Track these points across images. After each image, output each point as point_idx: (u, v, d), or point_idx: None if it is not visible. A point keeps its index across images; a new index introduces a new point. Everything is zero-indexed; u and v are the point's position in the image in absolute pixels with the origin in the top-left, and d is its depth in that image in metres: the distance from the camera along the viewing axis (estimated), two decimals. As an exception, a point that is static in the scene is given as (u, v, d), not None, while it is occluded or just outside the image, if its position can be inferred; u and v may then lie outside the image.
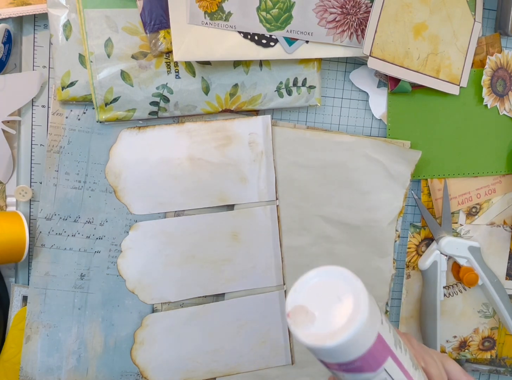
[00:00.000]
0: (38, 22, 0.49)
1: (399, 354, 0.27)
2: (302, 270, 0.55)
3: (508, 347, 0.64)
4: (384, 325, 0.26)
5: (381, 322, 0.25)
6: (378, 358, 0.25)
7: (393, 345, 0.26)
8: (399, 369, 0.27)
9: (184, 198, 0.52)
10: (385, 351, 0.26)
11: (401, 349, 0.27)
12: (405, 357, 0.28)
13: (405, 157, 0.55)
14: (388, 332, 0.26)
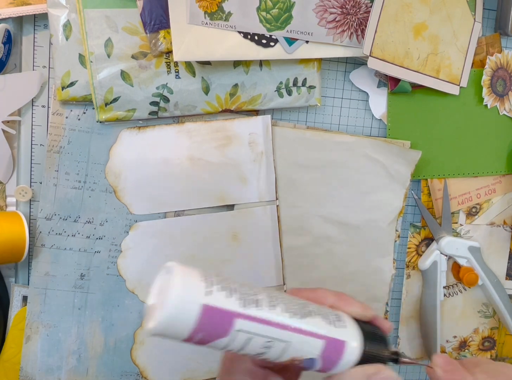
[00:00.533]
0: (38, 22, 0.49)
1: (257, 312, 0.28)
2: (302, 270, 0.55)
3: (508, 347, 0.64)
4: (214, 295, 0.27)
5: (208, 293, 0.27)
6: (220, 324, 0.27)
7: (240, 307, 0.27)
8: (264, 325, 0.28)
9: (184, 198, 0.52)
10: (226, 316, 0.27)
11: (263, 306, 0.28)
12: (273, 311, 0.29)
13: (405, 157, 0.55)
14: (225, 298, 0.27)
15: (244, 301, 0.28)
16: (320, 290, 0.34)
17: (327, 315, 0.31)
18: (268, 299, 0.29)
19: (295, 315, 0.30)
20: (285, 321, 0.29)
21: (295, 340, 0.29)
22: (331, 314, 0.32)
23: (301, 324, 0.29)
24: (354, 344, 0.31)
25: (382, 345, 0.33)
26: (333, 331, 0.31)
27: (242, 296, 0.28)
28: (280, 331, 0.29)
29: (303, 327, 0.30)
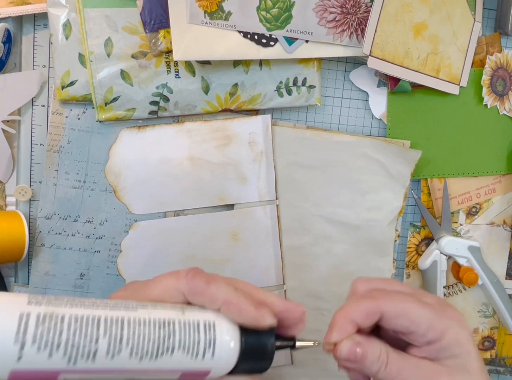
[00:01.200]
0: (38, 21, 0.49)
1: (88, 365, 0.25)
2: (302, 269, 0.55)
3: (508, 347, 0.64)
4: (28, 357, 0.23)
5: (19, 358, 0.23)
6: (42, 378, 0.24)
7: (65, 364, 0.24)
8: (99, 374, 0.25)
9: (184, 197, 0.52)
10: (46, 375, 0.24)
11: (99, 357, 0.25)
12: (111, 360, 0.25)
13: (405, 157, 0.55)
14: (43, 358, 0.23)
15: (71, 356, 0.24)
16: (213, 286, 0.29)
17: (195, 345, 0.27)
18: (111, 345, 0.25)
19: (144, 357, 0.26)
20: (129, 365, 0.26)
21: (141, 376, 0.27)
22: (202, 341, 0.27)
23: (149, 365, 0.26)
24: (223, 368, 0.28)
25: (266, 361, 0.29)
26: (194, 363, 0.27)
27: (70, 351, 0.24)
28: (119, 375, 0.26)
29: (153, 367, 0.26)
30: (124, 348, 0.25)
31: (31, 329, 0.23)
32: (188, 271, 0.30)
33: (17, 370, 0.23)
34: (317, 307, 0.56)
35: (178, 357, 0.27)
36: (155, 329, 0.26)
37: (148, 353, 0.26)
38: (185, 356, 0.27)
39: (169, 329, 0.27)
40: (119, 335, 0.25)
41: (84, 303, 0.26)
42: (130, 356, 0.25)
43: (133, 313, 0.26)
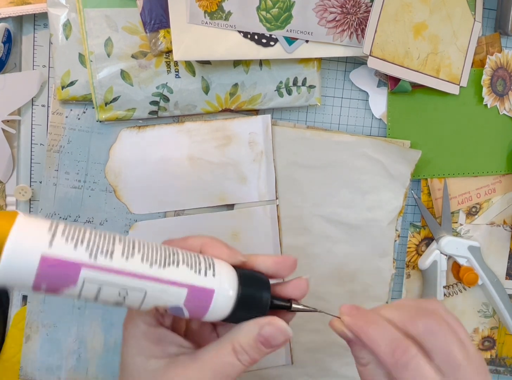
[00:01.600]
0: (38, 21, 0.49)
1: (105, 262, 0.28)
2: (302, 269, 0.55)
3: (508, 347, 0.64)
4: (56, 245, 0.27)
5: (49, 244, 0.27)
6: (63, 274, 0.27)
7: (87, 258, 0.28)
8: (113, 274, 0.28)
9: (184, 197, 0.52)
10: (69, 266, 0.27)
11: (116, 256, 0.29)
12: (126, 261, 0.29)
13: (405, 157, 0.55)
14: (69, 248, 0.27)
15: (92, 251, 0.28)
16: (190, 238, 0.34)
17: (197, 264, 0.31)
18: (126, 248, 0.29)
19: (154, 264, 0.30)
20: (139, 270, 0.29)
21: (150, 288, 0.29)
22: (203, 262, 0.32)
23: (158, 272, 0.29)
24: (226, 291, 0.31)
25: (264, 290, 0.33)
26: (198, 279, 0.31)
27: (92, 246, 0.28)
28: (133, 280, 0.29)
29: (161, 276, 0.30)
30: (136, 253, 0.29)
31: (61, 227, 0.28)
32: (163, 242, 0.35)
33: (47, 255, 0.27)
34: (317, 307, 0.56)
35: (183, 270, 0.30)
36: (160, 248, 0.31)
37: (157, 260, 0.30)
38: (189, 270, 0.31)
39: (172, 250, 0.32)
40: (132, 243, 0.30)
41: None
42: (141, 260, 0.29)
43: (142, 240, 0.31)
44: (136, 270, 0.29)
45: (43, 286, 0.27)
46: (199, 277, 0.31)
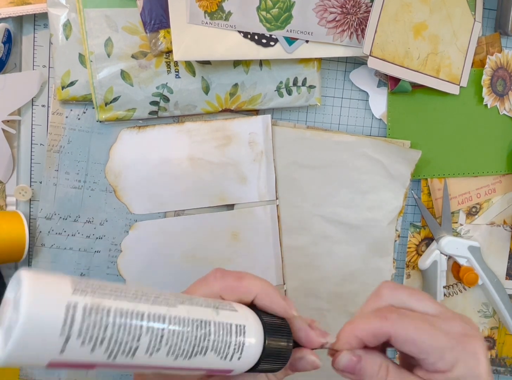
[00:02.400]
0: (38, 21, 0.49)
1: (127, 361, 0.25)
2: (302, 269, 0.55)
3: (508, 347, 0.64)
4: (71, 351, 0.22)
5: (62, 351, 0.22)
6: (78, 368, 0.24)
7: (106, 359, 0.24)
8: (131, 369, 0.25)
9: (184, 197, 0.52)
10: (83, 365, 0.24)
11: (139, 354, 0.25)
12: (150, 358, 0.25)
13: (405, 157, 0.55)
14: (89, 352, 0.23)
15: (112, 352, 0.23)
16: (246, 280, 0.31)
17: (225, 348, 0.28)
18: (152, 342, 0.25)
19: (179, 357, 0.26)
20: (164, 363, 0.26)
21: (168, 371, 0.27)
22: (232, 344, 0.28)
23: (182, 364, 0.27)
24: (245, 367, 0.29)
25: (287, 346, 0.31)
26: (222, 364, 0.28)
27: (113, 346, 0.23)
28: (150, 370, 0.26)
29: (183, 366, 0.27)
30: (163, 346, 0.25)
31: (77, 322, 0.22)
32: (215, 273, 0.32)
33: (56, 361, 0.22)
34: (317, 307, 0.56)
35: (209, 358, 0.27)
36: (193, 329, 0.27)
37: (184, 352, 0.26)
38: (216, 357, 0.28)
39: (205, 330, 0.27)
40: (160, 334, 0.25)
41: (127, 294, 0.25)
42: (167, 355, 0.26)
43: (174, 310, 0.26)
44: (159, 364, 0.26)
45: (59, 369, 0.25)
46: (223, 362, 0.28)
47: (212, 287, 0.31)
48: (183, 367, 0.27)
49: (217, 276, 0.31)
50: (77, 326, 0.22)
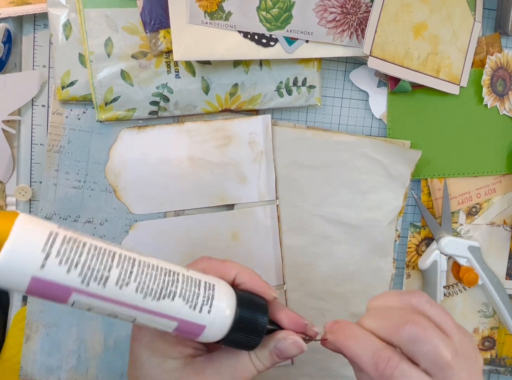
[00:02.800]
0: (38, 21, 0.49)
1: (97, 290, 0.27)
2: (302, 269, 0.55)
3: (508, 347, 0.64)
4: (48, 268, 0.26)
5: (42, 266, 0.26)
6: (54, 294, 0.27)
7: (78, 283, 0.27)
8: (103, 302, 0.28)
9: (184, 197, 0.52)
10: (59, 289, 0.26)
11: (109, 285, 0.27)
12: (119, 291, 0.28)
13: (405, 157, 0.55)
14: (61, 272, 0.26)
15: (86, 276, 0.27)
16: (228, 263, 0.34)
17: (194, 298, 0.30)
18: (122, 275, 0.28)
19: (148, 296, 0.29)
20: (131, 300, 0.28)
21: (140, 317, 0.29)
22: (201, 296, 0.30)
23: (151, 305, 0.29)
24: (218, 327, 0.31)
25: (260, 316, 0.32)
26: (191, 315, 0.30)
27: (86, 271, 0.27)
28: (123, 309, 0.28)
29: (152, 308, 0.29)
30: (132, 281, 0.28)
31: (57, 244, 0.26)
32: (202, 257, 0.35)
33: (37, 277, 0.26)
34: (317, 307, 0.56)
35: (178, 304, 0.30)
36: (161, 274, 0.30)
37: (152, 292, 0.29)
38: (184, 305, 0.30)
39: (173, 277, 0.30)
40: (130, 270, 0.28)
41: (104, 241, 0.29)
42: (136, 291, 0.28)
43: (145, 257, 0.30)
44: (127, 301, 0.28)
45: (36, 295, 0.27)
46: (193, 312, 0.30)
47: (197, 266, 0.34)
48: (153, 310, 0.29)
49: (203, 259, 0.35)
50: (56, 247, 0.26)
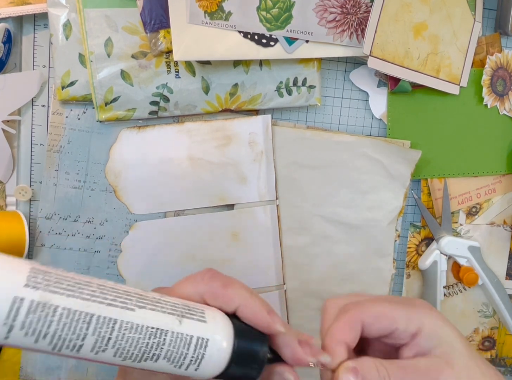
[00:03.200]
0: (38, 21, 0.49)
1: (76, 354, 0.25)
2: (302, 269, 0.55)
3: (508, 347, 0.64)
4: (14, 338, 0.23)
5: (5, 338, 0.23)
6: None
7: (50, 350, 0.24)
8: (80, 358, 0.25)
9: (184, 197, 0.52)
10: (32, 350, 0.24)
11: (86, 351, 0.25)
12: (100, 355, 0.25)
13: (405, 157, 0.55)
14: (30, 343, 0.24)
15: (56, 346, 0.24)
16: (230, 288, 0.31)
17: (181, 358, 0.28)
18: (98, 342, 0.25)
19: (128, 359, 0.26)
20: (112, 361, 0.26)
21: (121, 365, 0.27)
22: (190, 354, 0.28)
23: (133, 365, 0.26)
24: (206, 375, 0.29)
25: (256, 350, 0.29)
26: (176, 371, 0.28)
27: (56, 342, 0.24)
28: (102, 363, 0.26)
29: (136, 367, 0.27)
30: (109, 348, 0.25)
31: (21, 316, 0.23)
32: (204, 273, 0.32)
33: (3, 343, 0.23)
34: (317, 307, 0.56)
35: (161, 364, 0.27)
36: (145, 337, 0.26)
37: (132, 356, 0.26)
38: (169, 365, 0.27)
39: (159, 339, 0.27)
40: (107, 337, 0.25)
41: (84, 291, 0.25)
42: (114, 356, 0.25)
43: (129, 314, 0.26)
44: (105, 360, 0.26)
45: None
46: (177, 370, 0.28)
47: (197, 288, 0.31)
48: (134, 367, 0.27)
49: (204, 277, 0.31)
50: (20, 319, 0.23)
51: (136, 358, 0.26)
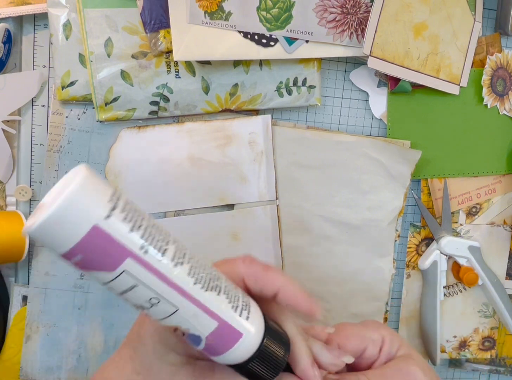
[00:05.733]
0: (38, 21, 0.49)
1: (155, 261, 0.24)
2: (302, 269, 0.55)
3: (508, 347, 0.64)
4: (113, 221, 0.23)
5: (107, 216, 0.23)
6: (107, 255, 0.23)
7: (138, 247, 0.24)
8: (156, 278, 0.25)
9: (184, 197, 0.52)
10: (117, 249, 0.23)
11: (167, 258, 0.25)
12: (174, 268, 0.25)
13: (405, 157, 0.55)
14: (125, 229, 0.23)
15: (147, 241, 0.24)
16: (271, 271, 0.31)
17: (235, 299, 0.28)
18: (177, 253, 0.26)
19: (198, 283, 0.26)
20: (182, 282, 0.25)
21: (184, 308, 0.26)
22: (240, 300, 0.28)
23: (199, 294, 0.26)
24: (252, 341, 0.28)
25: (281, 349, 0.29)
26: (232, 317, 0.27)
27: (147, 236, 0.24)
28: (172, 292, 0.25)
29: (200, 298, 0.26)
30: (185, 262, 0.26)
31: (122, 201, 0.24)
32: (244, 258, 0.33)
33: (99, 227, 0.23)
34: (317, 307, 0.56)
35: (222, 301, 0.27)
36: (206, 266, 0.28)
37: (202, 280, 0.27)
38: (228, 303, 0.28)
39: (217, 273, 0.28)
40: (184, 251, 0.27)
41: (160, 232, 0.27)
42: (188, 274, 0.26)
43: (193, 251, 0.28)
44: (179, 282, 0.25)
45: (78, 258, 0.23)
46: (234, 314, 0.27)
47: (238, 269, 0.32)
48: (200, 300, 0.26)
49: (245, 260, 0.32)
50: (122, 203, 0.24)
51: (205, 283, 0.27)
